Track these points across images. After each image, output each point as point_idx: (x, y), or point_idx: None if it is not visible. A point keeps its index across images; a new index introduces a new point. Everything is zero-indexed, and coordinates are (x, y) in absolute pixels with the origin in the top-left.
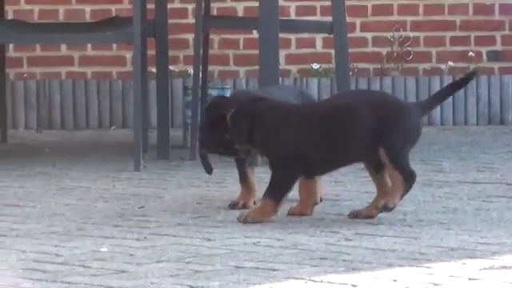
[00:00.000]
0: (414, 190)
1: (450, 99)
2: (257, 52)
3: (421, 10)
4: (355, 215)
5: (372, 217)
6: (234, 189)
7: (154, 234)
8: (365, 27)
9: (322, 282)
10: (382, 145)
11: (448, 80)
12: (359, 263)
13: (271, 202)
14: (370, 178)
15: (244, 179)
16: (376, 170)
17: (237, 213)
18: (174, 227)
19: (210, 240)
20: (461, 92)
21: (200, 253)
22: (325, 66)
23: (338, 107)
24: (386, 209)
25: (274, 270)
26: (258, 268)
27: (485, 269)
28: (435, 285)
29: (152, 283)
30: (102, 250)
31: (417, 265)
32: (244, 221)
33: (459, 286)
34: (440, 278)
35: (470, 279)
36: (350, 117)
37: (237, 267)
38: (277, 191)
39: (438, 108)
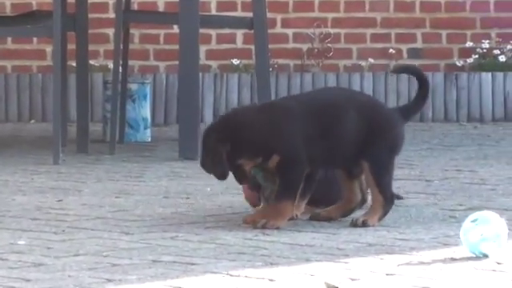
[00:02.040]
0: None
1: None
2: (177, 47)
3: (342, 6)
4: (314, 217)
5: (332, 219)
6: (152, 183)
7: (72, 227)
8: (285, 23)
9: (239, 276)
10: (366, 159)
11: (368, 77)
12: (277, 258)
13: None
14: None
15: None
16: (349, 176)
17: (159, 209)
18: (92, 221)
19: (128, 234)
20: (381, 88)
21: (118, 246)
22: (245, 61)
23: (326, 104)
24: (365, 226)
25: (191, 264)
26: (175, 262)
27: (402, 264)
28: (352, 280)
29: (69, 276)
30: (19, 242)
31: (335, 260)
32: (263, 227)
33: (376, 281)
34: (358, 273)
35: (387, 274)
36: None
37: (154, 261)
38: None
39: None
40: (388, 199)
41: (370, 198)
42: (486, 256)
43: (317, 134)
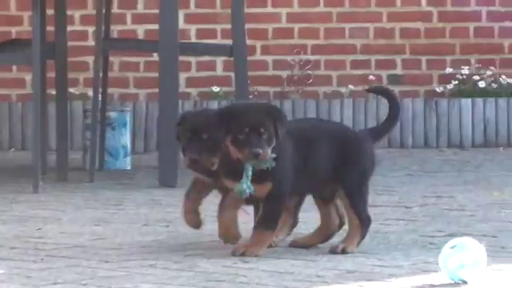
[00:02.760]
0: (310, 212)
1: (350, 122)
2: (157, 75)
3: (321, 33)
4: (293, 244)
5: (311, 246)
6: (131, 211)
7: (51, 255)
8: (265, 50)
9: None
10: (341, 184)
11: (348, 104)
12: (256, 285)
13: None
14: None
15: None
16: (324, 201)
17: (138, 237)
18: (71, 249)
19: (107, 262)
20: (361, 115)
21: (97, 275)
22: (225, 88)
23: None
24: (344, 253)
25: None
26: None
27: None
28: None
29: None
30: None
31: (313, 287)
32: (242, 255)
33: None
34: None
35: None
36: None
37: None
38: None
39: None
40: (365, 222)
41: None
42: (464, 282)
43: (298, 164)
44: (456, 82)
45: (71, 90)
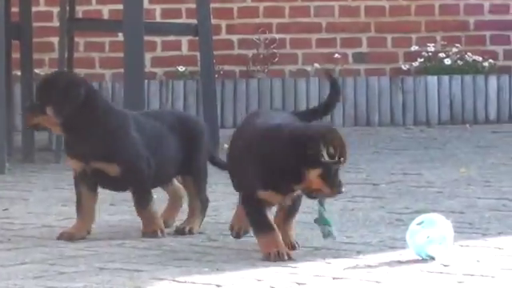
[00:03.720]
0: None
1: (315, 101)
2: (122, 55)
3: (286, 12)
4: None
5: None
6: (98, 191)
7: (17, 235)
8: (230, 29)
9: (186, 282)
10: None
11: (314, 82)
12: (223, 263)
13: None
14: None
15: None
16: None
17: (105, 217)
18: (38, 229)
19: (74, 242)
20: (326, 93)
21: (64, 254)
22: (191, 68)
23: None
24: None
25: (138, 270)
26: (122, 269)
27: (349, 268)
28: (299, 284)
29: (15, 285)
30: None
31: (281, 265)
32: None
33: (323, 285)
34: (304, 277)
35: (334, 278)
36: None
37: (101, 268)
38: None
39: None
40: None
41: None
42: (432, 258)
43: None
44: (422, 60)
45: (36, 70)
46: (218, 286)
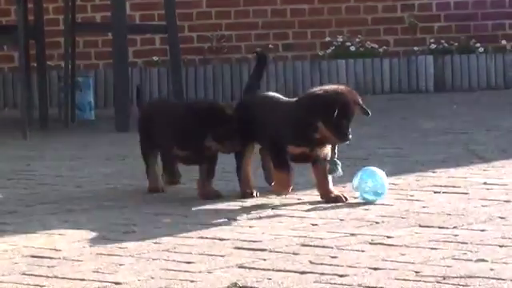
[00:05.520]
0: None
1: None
2: (111, 49)
3: (232, 14)
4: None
5: None
6: (96, 150)
7: (37, 183)
8: (191, 28)
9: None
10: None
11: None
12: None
13: None
14: None
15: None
16: None
17: (101, 169)
18: (52, 178)
19: (78, 187)
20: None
21: (72, 196)
22: (162, 58)
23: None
24: None
25: (124, 207)
26: (114, 207)
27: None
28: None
29: (37, 220)
30: None
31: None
32: None
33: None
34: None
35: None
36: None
37: (99, 206)
38: None
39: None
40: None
41: None
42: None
43: None
44: (333, 48)
45: (48, 62)
46: (185, 216)
